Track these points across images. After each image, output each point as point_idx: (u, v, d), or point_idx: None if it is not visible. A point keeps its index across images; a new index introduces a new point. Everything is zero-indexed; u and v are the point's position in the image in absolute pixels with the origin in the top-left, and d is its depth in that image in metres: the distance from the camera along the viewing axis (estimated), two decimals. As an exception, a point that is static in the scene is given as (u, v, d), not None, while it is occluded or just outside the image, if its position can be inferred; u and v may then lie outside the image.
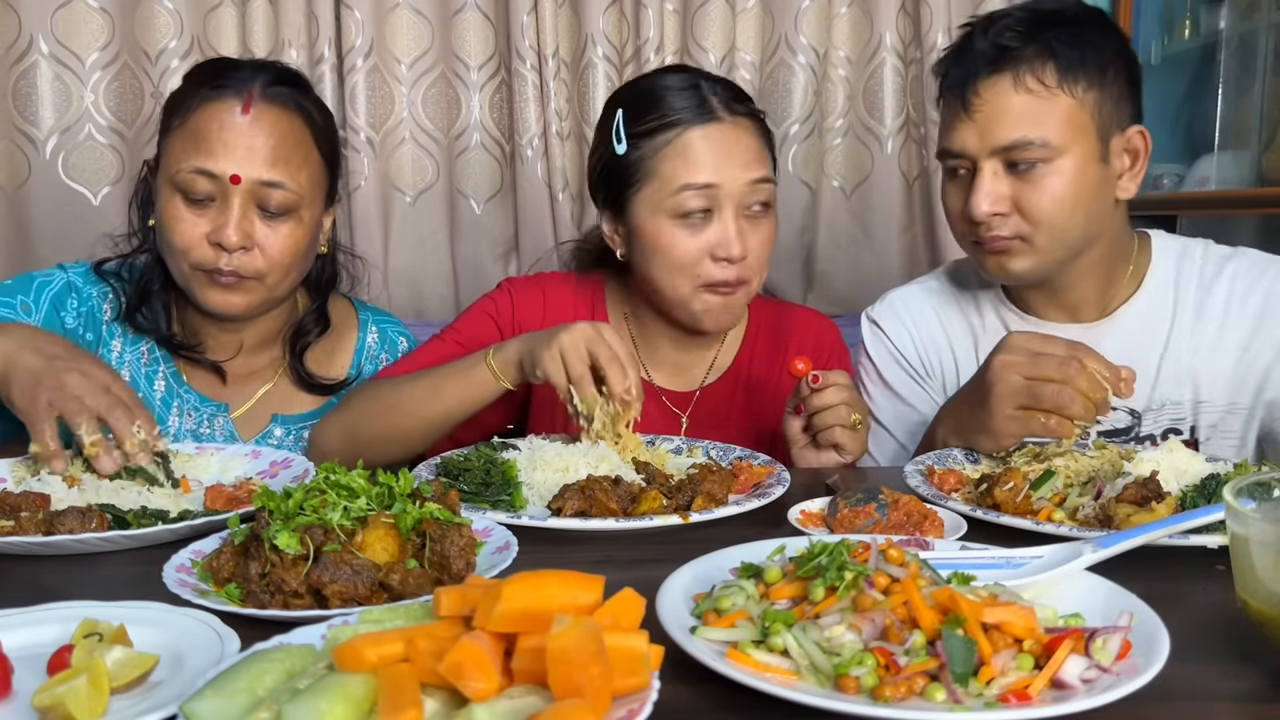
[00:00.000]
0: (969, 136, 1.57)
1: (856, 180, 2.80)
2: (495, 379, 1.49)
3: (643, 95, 1.70)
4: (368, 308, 1.89)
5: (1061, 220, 1.57)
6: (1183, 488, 1.24)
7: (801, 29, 2.69)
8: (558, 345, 1.41)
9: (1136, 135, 1.61)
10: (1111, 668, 0.81)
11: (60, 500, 1.27)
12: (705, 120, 1.63)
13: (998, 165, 1.57)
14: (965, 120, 1.57)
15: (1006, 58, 1.55)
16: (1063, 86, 1.54)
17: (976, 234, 1.61)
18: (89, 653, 0.82)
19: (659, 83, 1.70)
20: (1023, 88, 1.54)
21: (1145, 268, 1.72)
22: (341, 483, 1.02)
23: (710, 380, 1.83)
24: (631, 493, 1.28)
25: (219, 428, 1.71)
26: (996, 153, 1.56)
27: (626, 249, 1.73)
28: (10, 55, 2.48)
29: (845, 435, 1.50)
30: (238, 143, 1.55)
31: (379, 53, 2.60)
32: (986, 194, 1.56)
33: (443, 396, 1.53)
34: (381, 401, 1.57)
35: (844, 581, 0.86)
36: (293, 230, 1.60)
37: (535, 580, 0.76)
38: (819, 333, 1.87)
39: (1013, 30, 1.56)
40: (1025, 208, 1.56)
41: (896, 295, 1.88)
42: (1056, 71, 1.54)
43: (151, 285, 1.69)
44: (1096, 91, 1.55)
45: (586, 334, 1.42)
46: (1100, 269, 1.68)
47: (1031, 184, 1.55)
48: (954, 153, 1.60)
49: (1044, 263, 1.61)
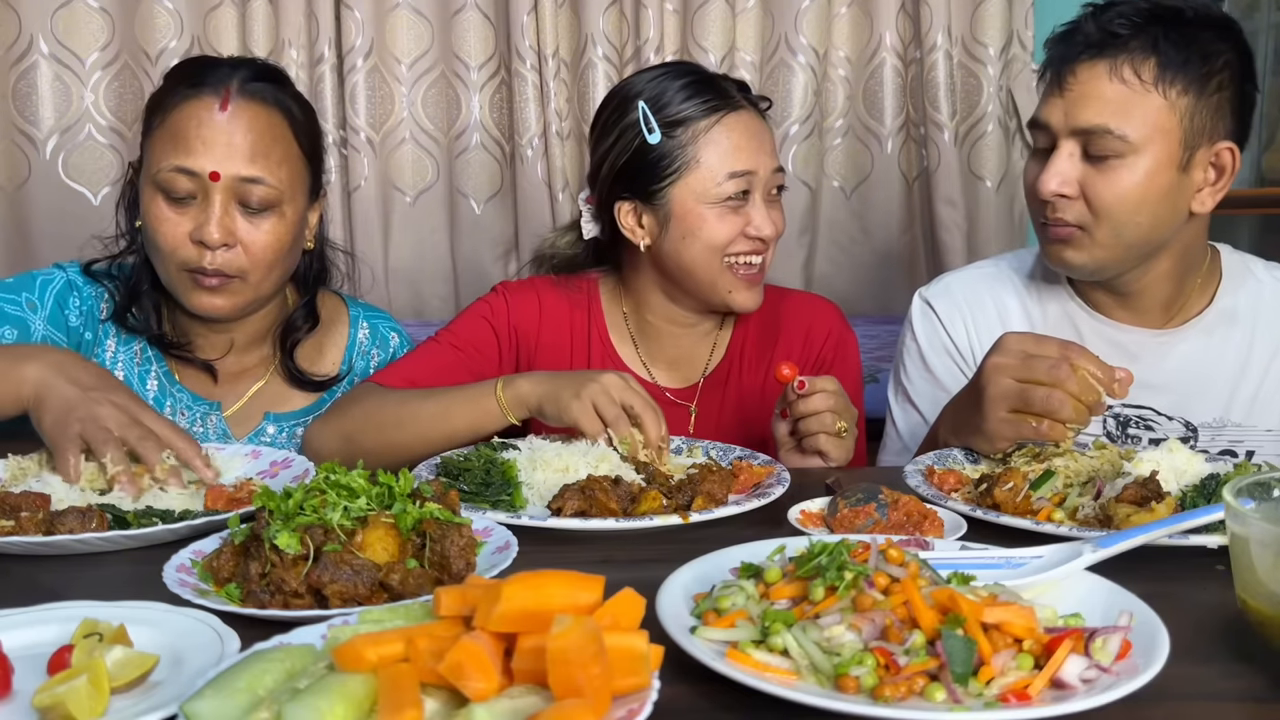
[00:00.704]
0: (1055, 112, 1.56)
1: (856, 180, 2.80)
2: (502, 413, 1.49)
3: (664, 87, 1.70)
4: (358, 304, 1.89)
5: (1124, 216, 1.55)
6: (1182, 488, 1.24)
7: (801, 29, 2.68)
8: (589, 396, 1.41)
9: (1226, 151, 1.57)
10: (1111, 668, 0.81)
11: (60, 500, 1.27)
12: (735, 108, 1.69)
13: (1075, 147, 1.55)
14: (1056, 96, 1.57)
15: (1110, 44, 1.53)
16: (1158, 85, 1.52)
17: (1044, 214, 1.59)
18: (89, 653, 0.82)
19: (673, 74, 1.72)
20: (1117, 77, 1.52)
21: (1215, 283, 1.71)
22: (341, 483, 1.02)
23: (708, 373, 1.83)
24: (631, 493, 1.28)
25: (212, 426, 1.72)
26: (1076, 134, 1.55)
27: (655, 238, 1.73)
28: (10, 55, 2.48)
29: (829, 443, 1.49)
30: (216, 140, 1.55)
31: (379, 53, 2.60)
32: (1056, 172, 1.55)
33: (446, 422, 1.52)
34: (385, 415, 1.57)
35: (844, 581, 0.86)
36: (275, 226, 1.60)
37: (535, 580, 0.76)
38: (813, 317, 1.85)
39: (1125, 19, 1.54)
40: (1091, 196, 1.55)
41: (954, 278, 1.85)
42: (1156, 68, 1.52)
43: (141, 286, 1.69)
44: (1193, 98, 1.53)
45: (614, 383, 1.42)
46: (1171, 279, 1.65)
47: (1102, 174, 1.54)
48: (1040, 124, 1.59)
49: (1102, 258, 1.59)
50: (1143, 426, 1.68)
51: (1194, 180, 1.57)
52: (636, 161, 1.70)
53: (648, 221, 1.72)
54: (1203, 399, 1.67)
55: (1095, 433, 1.69)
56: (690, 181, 1.67)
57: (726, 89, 1.70)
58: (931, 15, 2.64)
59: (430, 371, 1.67)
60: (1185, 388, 1.66)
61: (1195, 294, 1.70)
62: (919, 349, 1.81)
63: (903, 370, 1.83)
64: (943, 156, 2.68)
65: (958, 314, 1.79)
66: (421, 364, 1.70)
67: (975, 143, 2.74)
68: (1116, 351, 1.66)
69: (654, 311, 1.80)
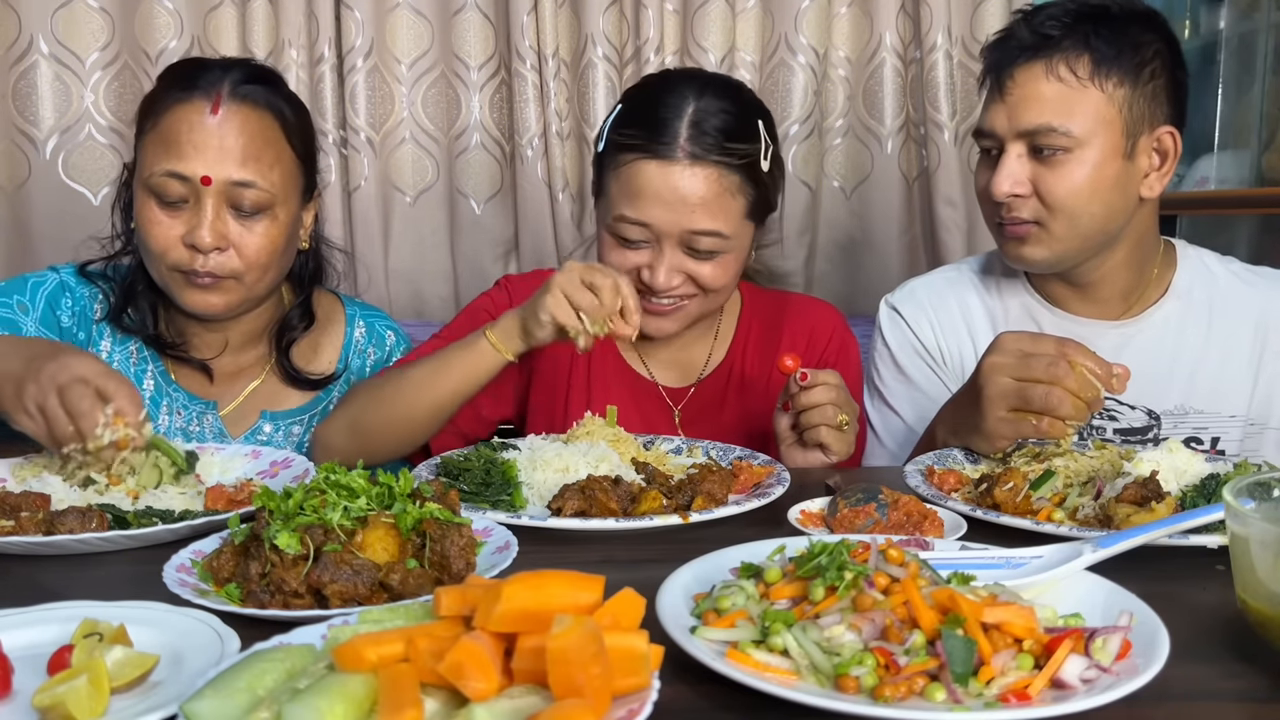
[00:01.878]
0: (999, 117, 1.61)
1: (856, 180, 2.80)
2: (496, 351, 1.50)
3: (635, 103, 1.69)
4: (355, 302, 1.89)
5: (1078, 208, 1.59)
6: (1182, 488, 1.24)
7: (801, 29, 2.69)
8: (557, 287, 1.44)
9: (1167, 135, 1.63)
10: (1111, 668, 0.81)
11: (60, 500, 1.27)
12: (662, 157, 1.59)
13: (1022, 148, 1.60)
14: (998, 102, 1.62)
15: (1044, 46, 1.58)
16: (1094, 79, 1.57)
17: (999, 215, 1.64)
18: (89, 653, 0.82)
19: (654, 96, 1.66)
20: (1054, 76, 1.57)
21: (1170, 273, 1.75)
22: (341, 483, 1.02)
23: (706, 374, 1.83)
24: (631, 493, 1.28)
25: (208, 425, 1.72)
26: (1022, 135, 1.59)
27: None
28: (10, 55, 2.48)
29: (831, 435, 1.49)
30: (208, 144, 1.55)
31: (379, 53, 2.60)
32: (1008, 174, 1.60)
33: (445, 377, 1.52)
34: (384, 390, 1.57)
35: (844, 581, 0.86)
36: (268, 229, 1.60)
37: (535, 580, 0.76)
38: (815, 319, 1.86)
39: (1055, 20, 1.59)
40: (1043, 192, 1.59)
41: (919, 282, 1.90)
42: (1090, 64, 1.57)
43: (136, 286, 1.69)
44: (1129, 89, 1.58)
45: (575, 268, 1.46)
46: (1128, 267, 1.70)
47: (1052, 170, 1.58)
48: (985, 132, 1.64)
49: (1060, 251, 1.63)
50: (1106, 416, 1.71)
51: (1140, 167, 1.62)
52: (594, 167, 1.73)
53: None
54: (1164, 387, 1.70)
55: None
56: (601, 202, 1.71)
57: (679, 133, 1.59)
58: (931, 15, 2.64)
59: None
60: (1146, 376, 1.67)
61: (1151, 284, 1.74)
62: (890, 353, 1.85)
63: (876, 376, 1.87)
64: (943, 156, 2.68)
65: (923, 316, 1.84)
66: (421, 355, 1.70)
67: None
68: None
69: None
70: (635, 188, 1.61)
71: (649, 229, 1.62)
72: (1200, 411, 1.69)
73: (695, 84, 1.66)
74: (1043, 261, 1.65)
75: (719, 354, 1.84)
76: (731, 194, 1.62)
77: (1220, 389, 1.70)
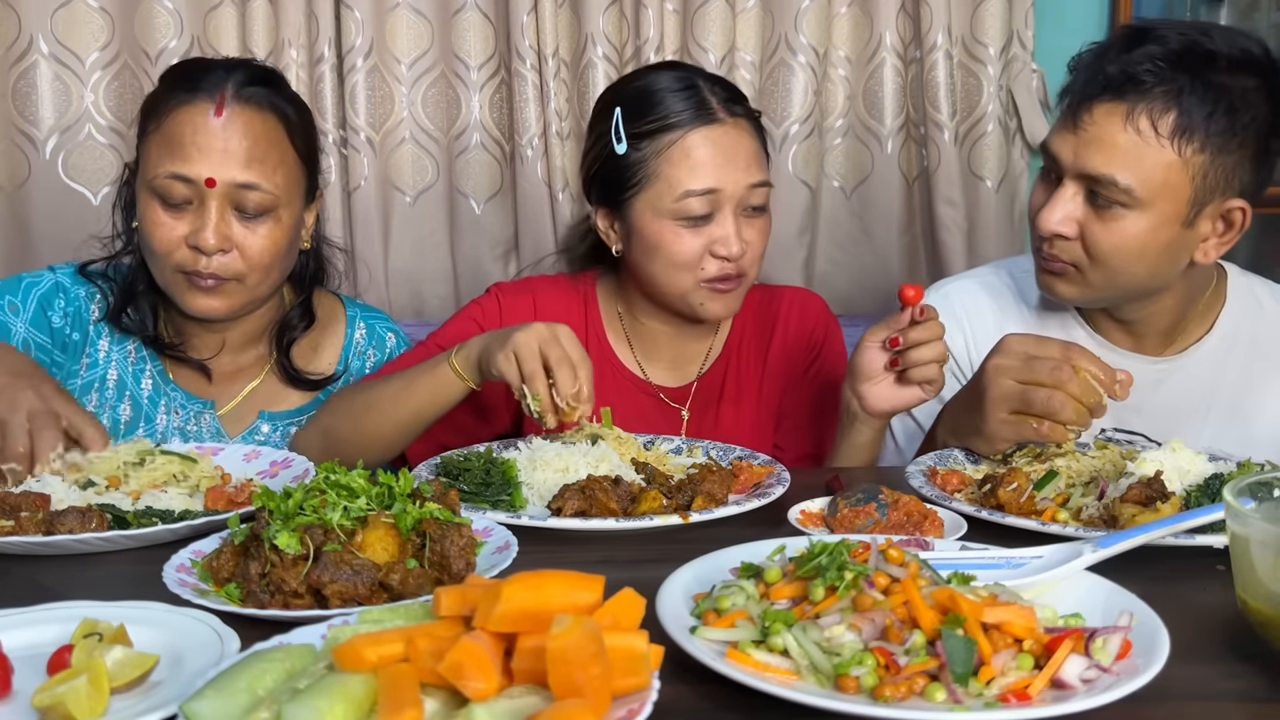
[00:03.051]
0: (1065, 148, 1.52)
1: (856, 180, 2.80)
2: (459, 379, 1.49)
3: (641, 94, 1.69)
4: (356, 304, 1.89)
5: (1120, 266, 1.52)
6: (1186, 488, 1.24)
7: (801, 29, 2.68)
8: (511, 345, 1.41)
9: (1237, 211, 1.52)
10: (1111, 668, 0.81)
11: (60, 500, 1.27)
12: (707, 122, 1.64)
13: (1079, 189, 1.52)
14: (1069, 131, 1.52)
15: (1132, 89, 1.46)
16: (1174, 140, 1.45)
17: (1041, 245, 1.58)
18: (89, 653, 0.82)
19: (656, 81, 1.69)
20: (1133, 126, 1.46)
21: (1218, 307, 1.69)
22: (341, 483, 1.02)
23: (704, 372, 1.83)
24: (631, 493, 1.28)
25: (206, 425, 1.72)
26: (1082, 177, 1.51)
27: (624, 246, 1.73)
28: (10, 55, 2.48)
29: (940, 371, 1.48)
30: (211, 146, 1.55)
31: (379, 53, 2.59)
32: (1059, 211, 1.52)
33: (410, 398, 1.53)
34: (356, 403, 1.58)
35: (844, 581, 0.86)
36: (271, 230, 1.60)
37: (535, 580, 0.76)
38: (804, 308, 1.87)
39: (1152, 62, 1.46)
40: (1089, 240, 1.52)
41: (954, 288, 1.82)
42: (1174, 122, 1.45)
43: (137, 286, 1.69)
44: (1209, 155, 1.46)
45: (540, 334, 1.41)
46: (1174, 310, 1.64)
47: (1104, 221, 1.50)
48: (1050, 152, 1.56)
49: (1093, 296, 1.58)
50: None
51: (1199, 233, 1.53)
52: (607, 169, 1.70)
53: (619, 229, 1.73)
54: (1195, 425, 1.65)
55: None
56: (649, 196, 1.66)
57: (706, 99, 1.65)
58: (931, 15, 2.64)
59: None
60: (1178, 414, 1.65)
61: (1196, 319, 1.68)
62: None
63: None
64: (943, 156, 2.68)
65: (956, 325, 1.76)
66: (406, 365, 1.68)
67: (975, 143, 2.74)
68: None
69: (644, 313, 1.80)
70: (695, 160, 1.62)
71: (717, 196, 1.63)
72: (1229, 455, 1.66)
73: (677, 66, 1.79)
74: (1073, 299, 1.60)
75: (715, 352, 1.84)
76: (760, 144, 1.70)
77: (1251, 432, 1.65)
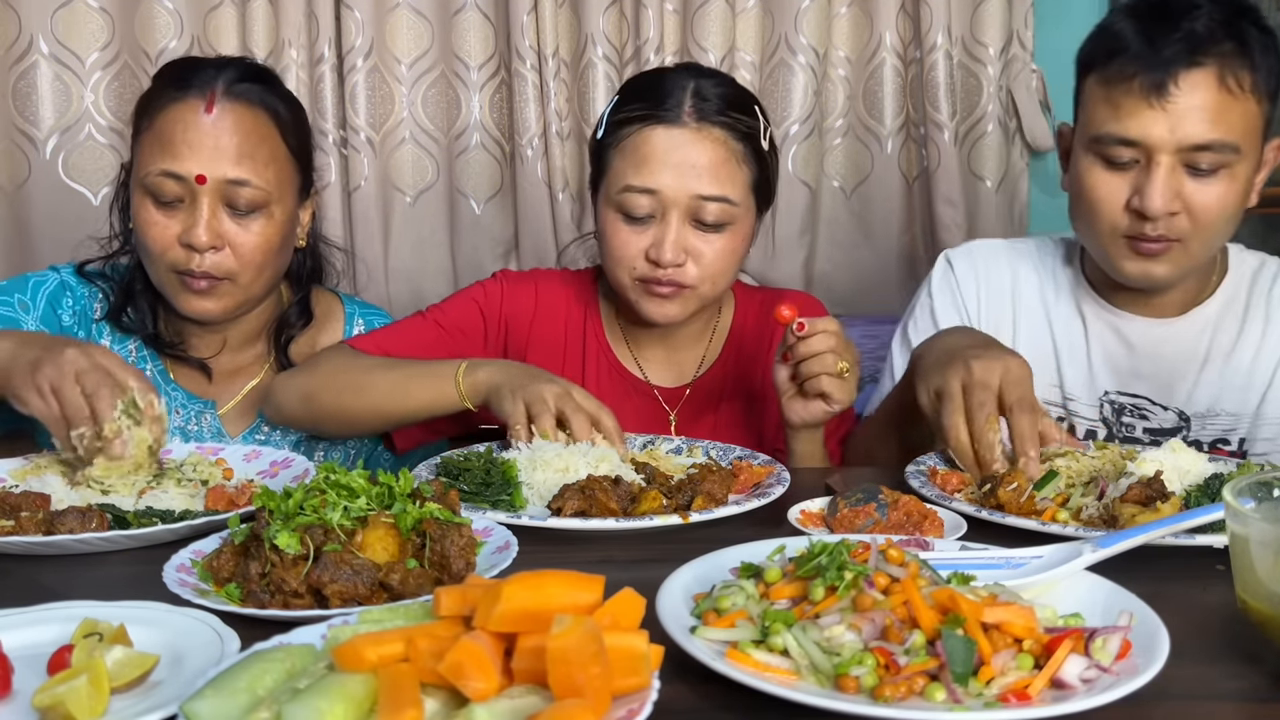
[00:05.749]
0: (1155, 127, 1.46)
1: (856, 180, 2.80)
2: (459, 398, 1.50)
3: (634, 86, 1.70)
4: (354, 300, 1.89)
5: (1221, 225, 1.53)
6: (1186, 487, 1.24)
7: (801, 29, 2.68)
8: (524, 397, 1.42)
9: (1272, 149, 1.57)
10: (1111, 668, 0.81)
11: (60, 500, 1.27)
12: (667, 122, 1.60)
13: (1175, 161, 1.48)
14: (1153, 110, 1.46)
15: (1209, 51, 1.45)
16: (1253, 90, 1.47)
17: (1136, 229, 1.52)
18: (89, 653, 0.82)
19: (656, 78, 1.70)
20: (1224, 86, 1.45)
21: (1222, 274, 1.70)
22: (341, 483, 1.02)
23: (701, 373, 1.82)
24: (631, 493, 1.28)
25: (207, 425, 1.72)
26: (1184, 149, 1.47)
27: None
28: (10, 55, 2.48)
29: (832, 384, 1.46)
30: (202, 143, 1.55)
31: (379, 53, 2.60)
32: (1164, 189, 1.48)
33: (407, 397, 1.53)
34: (347, 378, 1.57)
35: (844, 581, 0.86)
36: (264, 227, 1.60)
37: (535, 580, 0.76)
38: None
39: (1213, 22, 1.46)
40: (1194, 208, 1.49)
41: (981, 245, 1.85)
42: (1250, 73, 1.47)
43: (135, 286, 1.70)
44: (1269, 99, 1.50)
45: (556, 393, 1.42)
46: (1196, 277, 1.65)
47: (1205, 185, 1.49)
48: (1128, 140, 1.49)
49: (1187, 268, 1.57)
50: (1137, 415, 1.69)
51: (1256, 178, 1.56)
52: (591, 156, 1.73)
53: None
54: (1196, 388, 1.67)
55: (1090, 417, 1.71)
56: (605, 185, 1.66)
57: (679, 100, 1.61)
58: (931, 15, 2.64)
59: (408, 345, 1.67)
60: (1179, 377, 1.67)
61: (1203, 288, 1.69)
62: (931, 303, 1.81)
63: (912, 321, 1.84)
64: (943, 156, 2.68)
65: (973, 278, 1.79)
66: (401, 335, 1.69)
67: (975, 143, 2.74)
68: (1115, 338, 1.69)
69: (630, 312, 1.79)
70: (642, 155, 1.60)
71: (657, 198, 1.59)
72: (1231, 414, 1.66)
73: (692, 68, 1.71)
74: (1167, 278, 1.57)
75: (713, 353, 1.83)
76: (737, 162, 1.62)
77: (1250, 390, 1.66)
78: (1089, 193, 1.56)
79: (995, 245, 1.84)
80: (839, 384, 1.47)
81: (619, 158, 1.63)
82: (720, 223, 1.62)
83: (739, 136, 1.63)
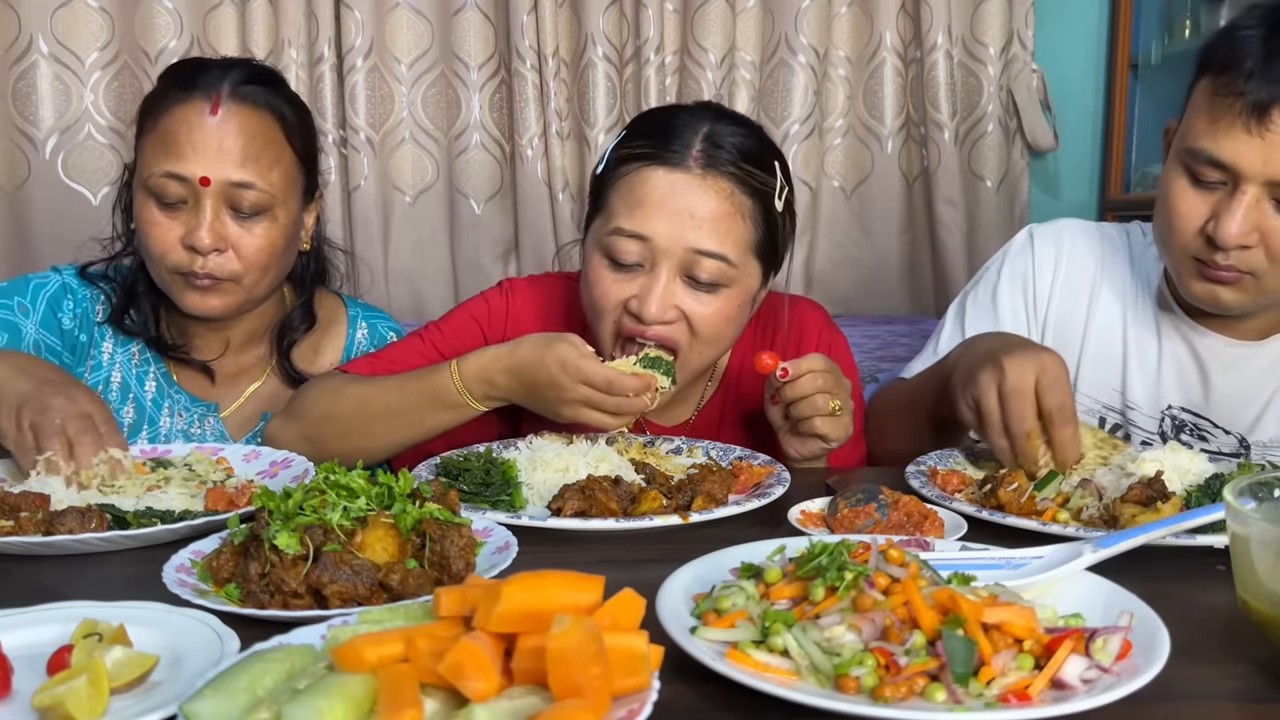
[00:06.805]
0: (1249, 155, 1.39)
1: (856, 180, 2.80)
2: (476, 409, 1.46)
3: (645, 121, 1.59)
4: (357, 303, 1.89)
5: None
6: (1186, 488, 1.24)
7: (801, 29, 2.69)
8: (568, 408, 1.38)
9: None
10: (1111, 668, 0.81)
11: (60, 500, 1.27)
12: (669, 164, 1.47)
13: (1263, 194, 1.41)
14: (1249, 136, 1.38)
15: None
16: None
17: (1206, 254, 1.46)
18: (89, 653, 0.82)
19: (666, 114, 1.57)
20: None
21: None
22: (341, 483, 1.02)
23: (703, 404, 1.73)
24: (631, 493, 1.28)
25: (209, 428, 1.71)
26: (1274, 183, 1.40)
27: None
28: (10, 55, 2.48)
29: (825, 424, 1.42)
30: (206, 144, 1.54)
31: (379, 53, 2.60)
32: (1242, 221, 1.41)
33: (419, 427, 1.48)
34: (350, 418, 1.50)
35: (844, 581, 0.86)
36: (267, 230, 1.60)
37: (535, 580, 0.76)
38: (803, 323, 1.75)
39: None
40: (1273, 245, 1.42)
41: (1071, 226, 1.74)
42: None
43: (138, 287, 1.69)
44: None
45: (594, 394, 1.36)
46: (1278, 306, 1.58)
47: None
48: (1218, 162, 1.42)
49: (1259, 302, 1.51)
50: (1196, 434, 1.64)
51: None
52: (590, 192, 1.62)
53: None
54: (1263, 416, 1.61)
55: (1149, 430, 1.66)
56: (597, 222, 1.54)
57: (688, 142, 1.47)
58: (931, 15, 2.64)
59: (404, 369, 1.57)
60: (1247, 403, 1.61)
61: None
62: (999, 275, 1.74)
63: (973, 295, 1.77)
64: (943, 156, 2.68)
65: (1050, 263, 1.70)
66: (399, 357, 1.62)
67: (975, 143, 2.74)
68: (1188, 353, 1.63)
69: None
70: (637, 196, 1.47)
71: (648, 245, 1.46)
72: None
73: (712, 109, 1.56)
74: (1232, 306, 1.50)
75: (712, 387, 1.74)
76: (741, 217, 1.48)
77: None
78: (1170, 205, 1.49)
79: (1088, 229, 1.73)
80: (832, 422, 1.42)
81: (614, 196, 1.50)
82: (715, 283, 1.48)
83: (749, 191, 1.49)
